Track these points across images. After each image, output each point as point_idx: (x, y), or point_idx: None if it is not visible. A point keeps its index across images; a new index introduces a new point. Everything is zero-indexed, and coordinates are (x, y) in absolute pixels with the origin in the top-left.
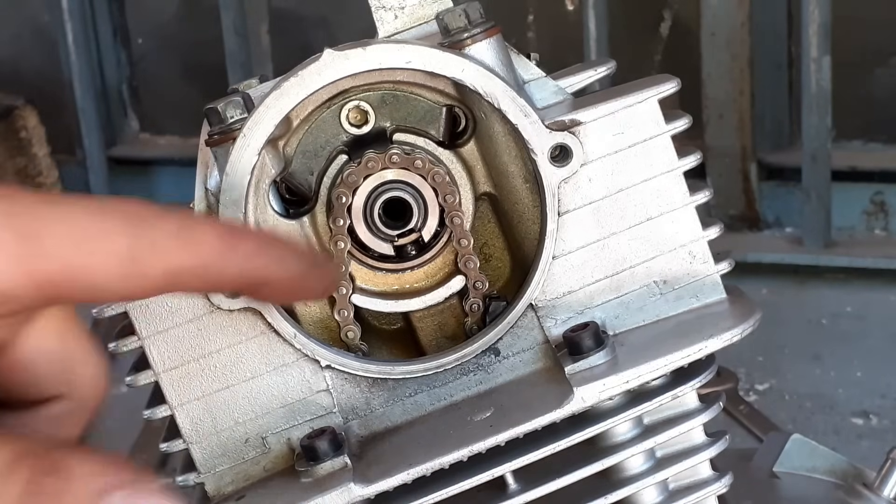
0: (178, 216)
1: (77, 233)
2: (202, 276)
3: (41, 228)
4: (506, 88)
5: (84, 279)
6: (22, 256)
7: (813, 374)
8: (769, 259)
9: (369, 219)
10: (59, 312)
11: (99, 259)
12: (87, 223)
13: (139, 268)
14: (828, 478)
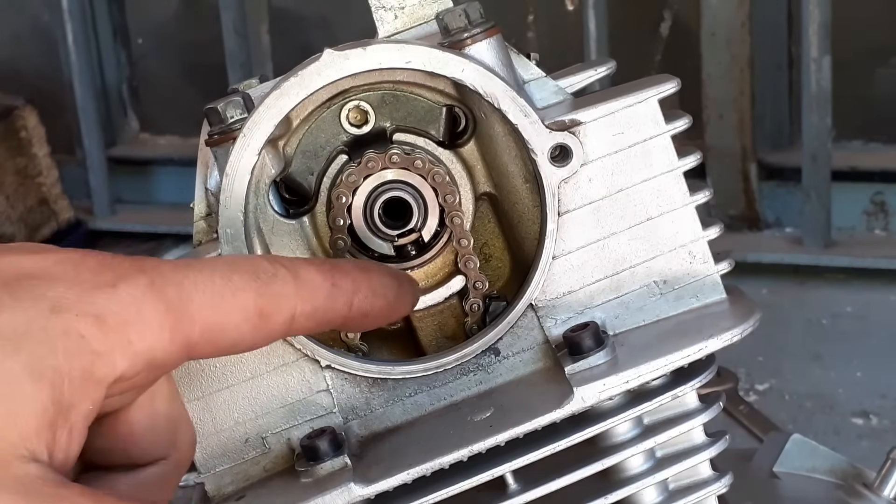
0: (290, 263)
1: (212, 296)
2: (315, 317)
3: (184, 296)
4: (506, 88)
5: (221, 337)
6: (172, 325)
7: (813, 374)
8: (769, 259)
9: (369, 219)
10: (168, 374)
11: (233, 318)
12: (220, 284)
13: (265, 321)
14: (828, 478)
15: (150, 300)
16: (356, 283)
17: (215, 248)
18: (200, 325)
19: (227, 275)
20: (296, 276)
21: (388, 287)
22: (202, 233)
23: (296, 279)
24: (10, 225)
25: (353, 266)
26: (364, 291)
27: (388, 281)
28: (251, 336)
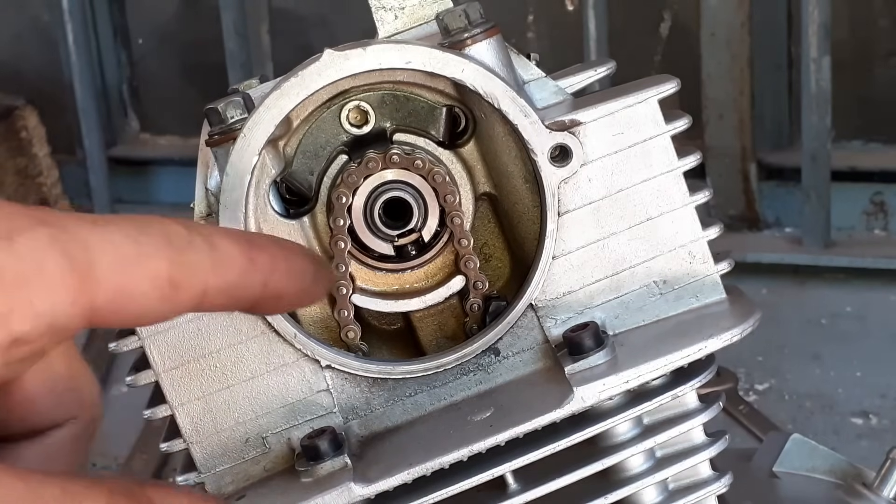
0: (206, 231)
1: (121, 258)
2: (227, 293)
3: (91, 256)
4: (506, 88)
5: (127, 305)
6: (76, 287)
7: (812, 373)
8: (769, 259)
9: (369, 219)
10: None
11: (141, 285)
12: (129, 246)
13: (175, 292)
14: (827, 478)
15: (53, 256)
16: (274, 261)
17: None
18: (106, 290)
19: (137, 237)
20: (212, 247)
21: (306, 270)
22: None
23: (212, 250)
24: None
25: (271, 242)
26: (281, 271)
27: (306, 263)
28: (158, 307)
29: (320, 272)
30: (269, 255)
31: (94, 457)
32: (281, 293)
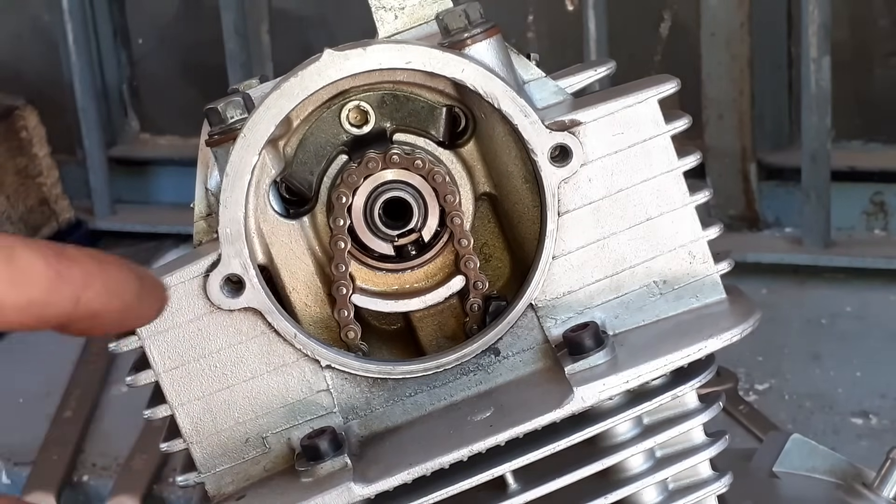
0: (5, 243)
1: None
2: (29, 312)
3: None
4: (506, 88)
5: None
6: None
7: (812, 373)
8: (769, 259)
9: (369, 219)
10: None
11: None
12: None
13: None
14: (827, 477)
15: None
16: (87, 276)
17: (215, 248)
18: None
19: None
20: (9, 260)
21: (127, 286)
22: (202, 233)
23: (9, 263)
24: (10, 225)
25: (85, 255)
26: (96, 288)
27: (127, 278)
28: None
29: (146, 289)
30: (81, 269)
31: (94, 457)
32: (96, 311)
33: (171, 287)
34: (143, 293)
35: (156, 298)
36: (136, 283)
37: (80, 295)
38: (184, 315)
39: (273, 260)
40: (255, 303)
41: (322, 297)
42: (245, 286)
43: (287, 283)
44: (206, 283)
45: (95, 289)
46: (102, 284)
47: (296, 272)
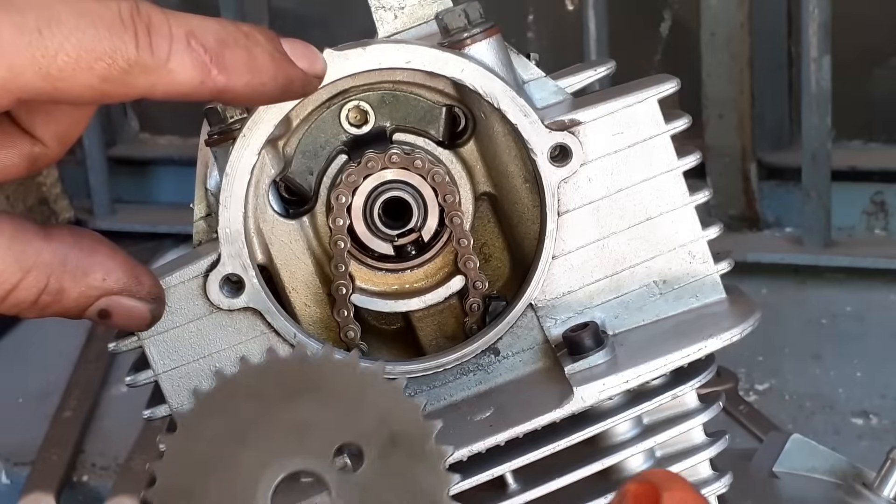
0: None
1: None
2: None
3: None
4: (505, 88)
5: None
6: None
7: (813, 373)
8: (769, 259)
9: (369, 219)
10: None
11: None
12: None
13: None
14: (827, 478)
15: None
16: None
17: (215, 248)
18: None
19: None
20: None
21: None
22: (202, 233)
23: None
24: None
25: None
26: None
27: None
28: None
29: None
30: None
31: (93, 457)
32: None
33: (170, 287)
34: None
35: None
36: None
37: None
38: (183, 315)
39: (273, 260)
40: (255, 303)
41: (322, 297)
42: (245, 286)
43: (287, 283)
44: (206, 283)
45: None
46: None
47: (295, 272)
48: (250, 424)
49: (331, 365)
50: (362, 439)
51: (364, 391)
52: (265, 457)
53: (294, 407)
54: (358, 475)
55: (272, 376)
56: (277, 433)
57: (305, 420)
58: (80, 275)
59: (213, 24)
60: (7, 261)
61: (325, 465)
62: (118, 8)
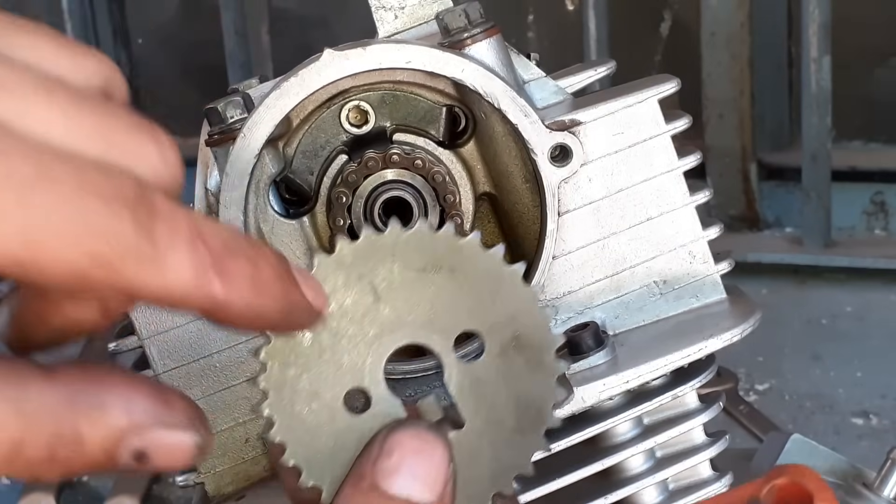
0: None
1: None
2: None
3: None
4: (506, 88)
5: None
6: None
7: (813, 374)
8: (769, 259)
9: (369, 218)
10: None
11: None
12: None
13: None
14: (827, 478)
15: None
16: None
17: None
18: None
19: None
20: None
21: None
22: None
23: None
24: None
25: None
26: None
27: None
28: None
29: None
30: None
31: None
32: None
33: None
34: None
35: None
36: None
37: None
38: (184, 315)
39: None
40: None
41: None
42: None
43: None
44: None
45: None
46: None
47: None
48: (385, 284)
49: (476, 251)
50: (488, 332)
51: (500, 287)
52: (391, 320)
53: (430, 281)
54: (473, 366)
55: (417, 245)
56: (409, 301)
57: (438, 297)
58: (95, 414)
59: (223, 228)
60: (5, 411)
61: (445, 346)
62: (122, 184)
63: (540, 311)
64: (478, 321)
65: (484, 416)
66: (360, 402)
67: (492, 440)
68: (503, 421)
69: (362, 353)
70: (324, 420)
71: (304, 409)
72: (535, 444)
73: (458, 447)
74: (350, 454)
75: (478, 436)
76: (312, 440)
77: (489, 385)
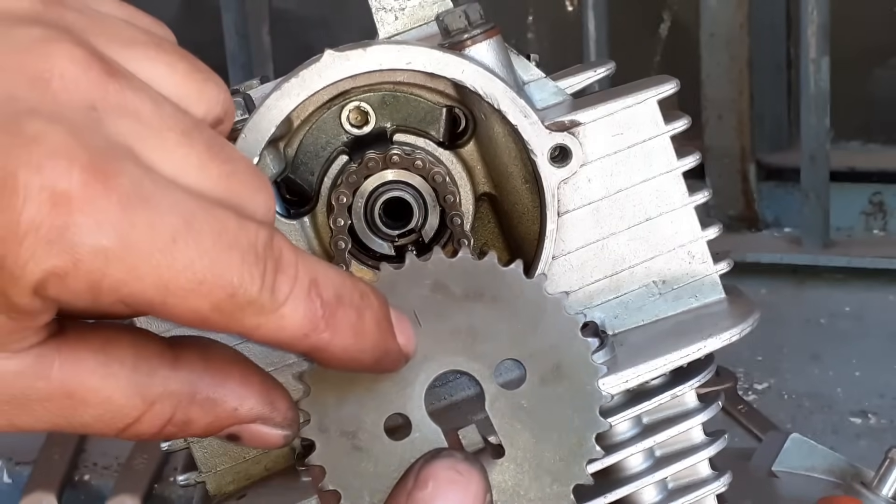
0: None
1: None
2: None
3: None
4: (506, 89)
5: None
6: None
7: (811, 373)
8: (768, 259)
9: (370, 219)
10: None
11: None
12: None
13: None
14: (826, 477)
15: None
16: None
17: None
18: None
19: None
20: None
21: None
22: None
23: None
24: None
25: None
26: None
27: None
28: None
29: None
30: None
31: (95, 456)
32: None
33: None
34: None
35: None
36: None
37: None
38: None
39: None
40: None
41: None
42: None
43: None
44: None
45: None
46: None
47: None
48: (427, 311)
49: (518, 280)
50: (529, 360)
51: (542, 315)
52: (433, 347)
53: (472, 309)
54: (514, 394)
55: (460, 273)
56: (450, 329)
57: (480, 325)
58: (209, 406)
59: (336, 276)
60: (129, 393)
61: (486, 373)
62: (256, 235)
63: (581, 340)
64: (519, 349)
65: (525, 445)
66: (400, 428)
67: (532, 469)
68: (544, 450)
69: (403, 379)
70: (364, 445)
71: (344, 434)
72: (576, 475)
73: (499, 476)
74: (389, 480)
75: (518, 464)
76: (352, 465)
77: (529, 413)
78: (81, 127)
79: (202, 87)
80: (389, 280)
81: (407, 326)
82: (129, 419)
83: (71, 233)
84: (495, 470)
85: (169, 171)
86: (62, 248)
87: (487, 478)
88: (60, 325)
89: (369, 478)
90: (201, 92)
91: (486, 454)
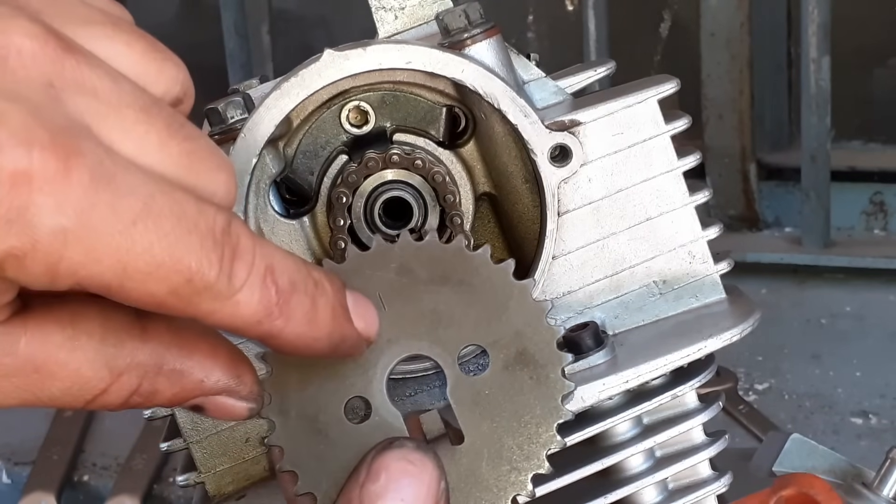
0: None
1: None
2: None
3: None
4: (505, 89)
5: None
6: None
7: (812, 373)
8: (768, 259)
9: (370, 218)
10: None
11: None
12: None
13: None
14: (827, 477)
15: None
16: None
17: None
18: None
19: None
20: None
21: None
22: None
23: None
24: None
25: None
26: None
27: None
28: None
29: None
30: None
31: (94, 456)
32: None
33: None
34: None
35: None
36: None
37: None
38: None
39: None
40: None
41: None
42: None
43: None
44: None
45: None
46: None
47: None
48: (392, 294)
49: (485, 265)
50: (492, 346)
51: (509, 301)
52: (396, 331)
53: (437, 293)
54: (476, 380)
55: (427, 257)
56: (415, 312)
57: (444, 309)
58: (176, 377)
59: (292, 264)
60: (96, 366)
61: (449, 359)
62: (214, 219)
63: (547, 327)
64: (483, 335)
65: (484, 432)
66: (360, 412)
67: (491, 456)
68: (503, 438)
69: (365, 363)
70: (323, 428)
71: (304, 416)
72: (535, 464)
73: (457, 462)
74: (348, 463)
75: (477, 451)
76: (311, 447)
77: (490, 400)
78: (41, 105)
79: (161, 65)
80: (355, 262)
81: (369, 310)
82: (96, 391)
83: (31, 213)
84: (454, 456)
85: (128, 150)
86: (21, 228)
87: (441, 466)
88: (26, 300)
89: (327, 461)
90: (160, 71)
91: (445, 440)
